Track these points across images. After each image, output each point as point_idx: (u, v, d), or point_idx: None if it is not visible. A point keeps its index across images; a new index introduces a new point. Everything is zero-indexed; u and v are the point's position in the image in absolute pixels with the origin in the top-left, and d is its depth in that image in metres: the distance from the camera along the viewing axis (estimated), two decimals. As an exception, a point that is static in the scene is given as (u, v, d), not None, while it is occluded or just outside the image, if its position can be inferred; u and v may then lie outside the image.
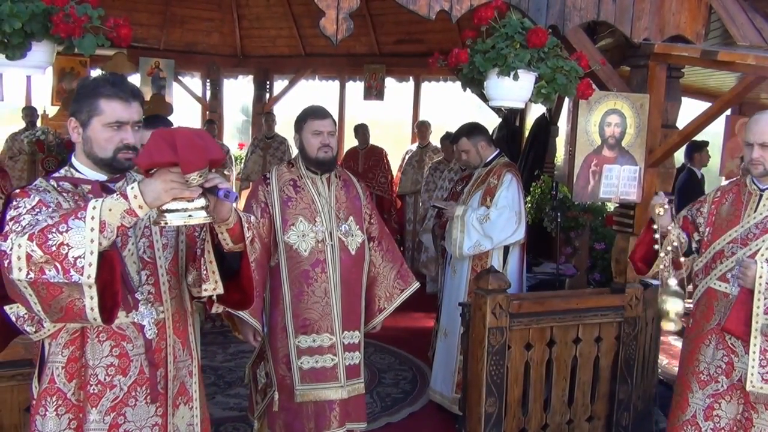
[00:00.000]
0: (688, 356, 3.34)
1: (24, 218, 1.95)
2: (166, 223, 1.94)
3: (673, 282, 3.19)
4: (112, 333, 2.17)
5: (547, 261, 6.43)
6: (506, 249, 4.70)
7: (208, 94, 10.52)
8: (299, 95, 10.48)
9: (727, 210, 3.27)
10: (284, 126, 9.13)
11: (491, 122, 7.98)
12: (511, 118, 7.94)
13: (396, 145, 9.63)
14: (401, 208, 9.03)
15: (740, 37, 4.40)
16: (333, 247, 3.51)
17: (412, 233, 8.64)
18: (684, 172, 7.91)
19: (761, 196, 3.14)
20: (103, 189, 2.17)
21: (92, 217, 1.85)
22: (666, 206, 3.18)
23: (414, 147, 9.11)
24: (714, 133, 8.80)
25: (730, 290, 3.15)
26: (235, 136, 13.23)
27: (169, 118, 7.83)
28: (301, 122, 3.53)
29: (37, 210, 1.99)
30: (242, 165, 9.85)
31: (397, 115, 11.21)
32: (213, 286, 2.24)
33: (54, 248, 1.82)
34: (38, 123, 8.72)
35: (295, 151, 3.95)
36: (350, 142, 9.80)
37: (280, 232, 3.47)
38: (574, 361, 4.25)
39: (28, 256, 1.82)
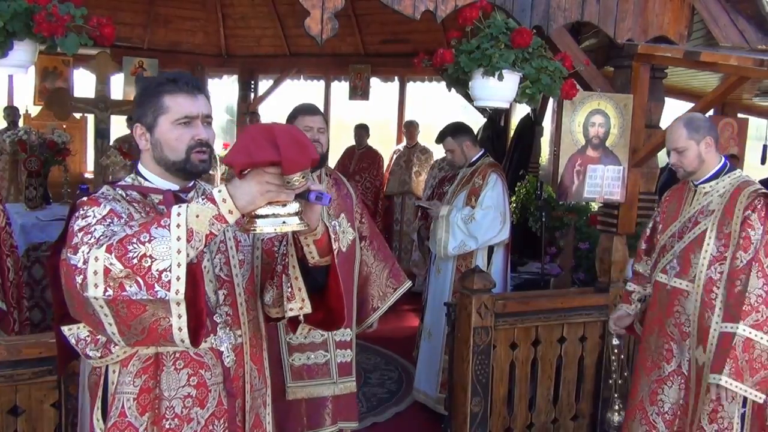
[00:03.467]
0: (639, 345, 3.54)
1: (96, 229, 1.73)
2: (255, 231, 1.71)
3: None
4: (189, 360, 1.95)
5: (532, 261, 6.46)
6: (491, 249, 4.72)
7: (193, 93, 10.45)
8: (284, 95, 10.44)
9: (672, 206, 3.42)
10: (269, 126, 9.10)
11: (476, 122, 8.00)
12: (496, 118, 7.97)
13: (381, 146, 9.61)
14: (389, 208, 9.02)
15: (723, 38, 4.44)
16: None
17: (399, 233, 8.64)
18: (666, 172, 7.97)
19: (696, 191, 3.28)
20: (176, 198, 1.96)
21: (177, 225, 1.64)
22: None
23: (401, 147, 9.11)
24: (697, 134, 8.87)
25: (668, 281, 3.31)
26: (219, 136, 13.17)
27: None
28: (291, 119, 3.54)
29: (109, 220, 1.78)
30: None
31: (382, 115, 11.21)
32: (300, 305, 2.02)
33: (135, 261, 1.61)
34: (20, 123, 8.64)
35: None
36: (335, 141, 9.78)
37: None
38: (558, 361, 4.27)
39: (106, 271, 1.61)
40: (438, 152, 7.68)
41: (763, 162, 8.03)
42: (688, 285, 3.22)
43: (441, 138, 4.93)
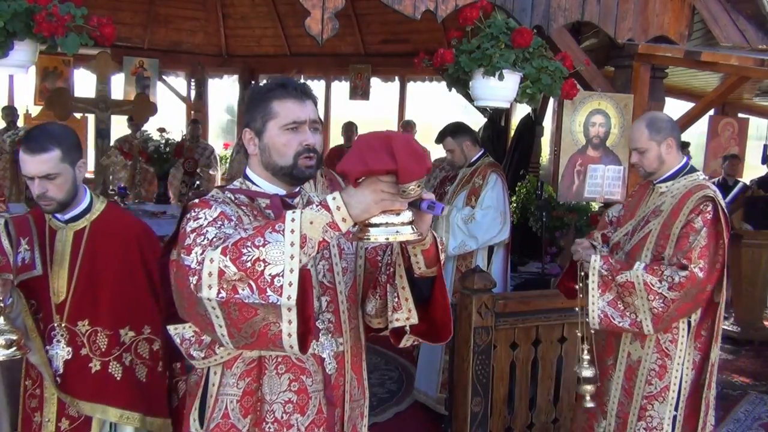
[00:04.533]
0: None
1: (208, 230, 1.74)
2: (368, 239, 1.69)
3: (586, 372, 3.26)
4: (291, 365, 1.94)
5: (532, 260, 6.46)
6: (491, 249, 4.71)
7: (193, 93, 10.47)
8: (284, 95, 10.44)
9: (633, 204, 3.41)
10: (270, 126, 9.10)
11: (477, 122, 8.00)
12: (497, 118, 7.98)
13: (382, 145, 9.61)
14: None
15: (723, 38, 4.44)
16: None
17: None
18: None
19: (653, 190, 3.27)
20: (283, 203, 1.97)
21: (291, 231, 1.63)
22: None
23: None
24: (698, 133, 8.88)
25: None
26: (219, 135, 13.16)
27: (154, 118, 7.83)
28: None
29: (220, 222, 1.79)
30: (227, 165, 9.81)
31: (382, 115, 11.21)
32: (406, 316, 1.96)
33: (249, 264, 1.60)
34: (20, 122, 8.64)
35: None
36: (336, 141, 9.77)
37: None
38: (559, 361, 4.26)
39: (221, 273, 1.61)
40: (435, 152, 7.67)
41: (763, 162, 8.04)
42: None
43: (441, 138, 4.93)
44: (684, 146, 7.87)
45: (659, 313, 2.96)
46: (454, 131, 4.86)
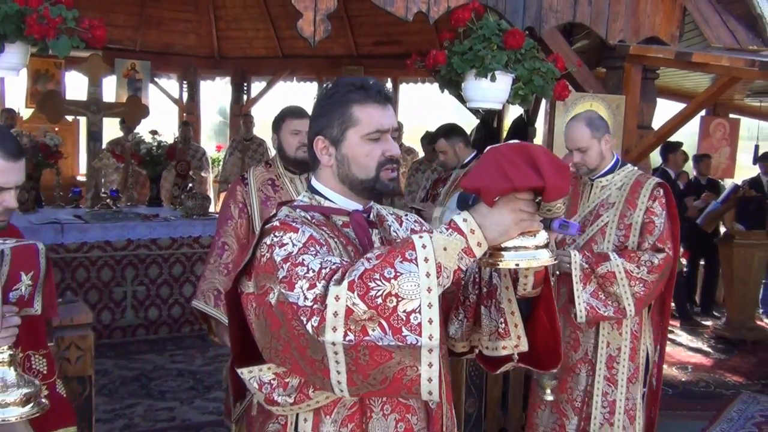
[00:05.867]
0: None
1: (304, 259, 1.53)
2: (501, 265, 1.52)
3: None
4: (396, 404, 1.72)
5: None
6: (485, 250, 4.72)
7: (185, 95, 10.45)
8: (277, 97, 10.44)
9: (568, 201, 3.48)
10: (262, 128, 9.10)
11: (469, 124, 8.01)
12: (489, 119, 7.98)
13: (374, 147, 9.62)
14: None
15: (714, 39, 4.46)
16: None
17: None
18: (658, 173, 8.00)
19: (593, 185, 3.38)
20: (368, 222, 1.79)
21: (425, 259, 1.43)
22: None
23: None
24: (690, 134, 8.91)
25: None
26: (212, 138, 13.16)
27: (146, 120, 7.81)
28: (279, 122, 3.51)
29: (313, 248, 1.57)
30: (220, 167, 9.80)
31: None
32: (515, 343, 1.77)
33: (380, 300, 1.39)
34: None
35: (273, 153, 3.93)
36: (329, 143, 9.77)
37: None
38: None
39: (348, 312, 1.40)
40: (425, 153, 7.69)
41: (755, 162, 8.06)
42: None
43: (433, 139, 4.93)
44: (677, 147, 7.93)
45: (641, 296, 3.17)
46: (447, 133, 4.85)
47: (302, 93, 10.46)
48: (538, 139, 7.79)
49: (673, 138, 6.34)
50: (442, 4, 3.84)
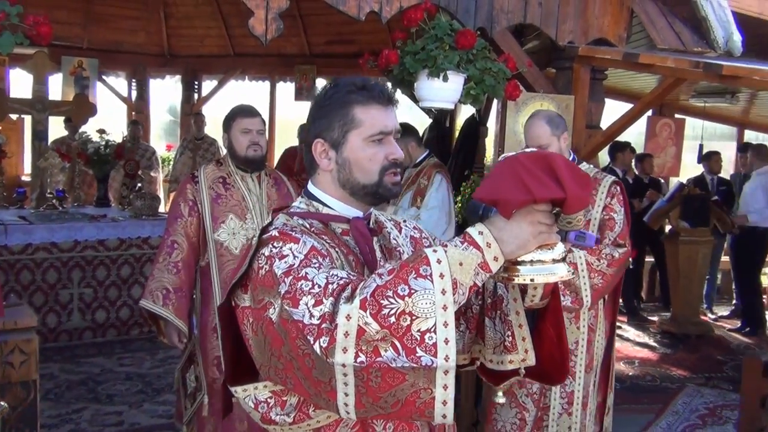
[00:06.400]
0: None
1: (307, 272, 1.44)
2: (518, 281, 1.46)
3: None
4: (399, 422, 1.63)
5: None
6: (438, 249, 4.74)
7: (134, 94, 10.28)
8: (229, 96, 10.33)
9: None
10: (214, 127, 8.99)
11: (422, 123, 8.03)
12: (442, 119, 8.02)
13: (327, 146, 9.58)
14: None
15: (660, 41, 4.55)
16: None
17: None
18: (606, 172, 8.13)
19: None
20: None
21: (441, 275, 1.36)
22: None
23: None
24: (636, 133, 9.09)
25: None
26: (162, 137, 12.95)
27: (94, 119, 7.64)
28: (229, 120, 3.48)
29: (315, 261, 1.48)
30: (170, 167, 9.66)
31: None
32: (522, 357, 1.69)
33: (393, 319, 1.32)
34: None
35: (225, 153, 3.90)
36: (281, 142, 9.70)
37: (209, 230, 3.42)
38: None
39: (360, 332, 1.32)
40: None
41: (699, 161, 8.26)
42: None
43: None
44: (624, 146, 8.08)
45: (599, 288, 3.25)
46: (399, 132, 4.86)
47: (254, 92, 10.38)
48: (490, 139, 7.87)
49: (621, 138, 6.46)
50: (395, 4, 3.85)
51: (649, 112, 8.43)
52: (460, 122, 8.22)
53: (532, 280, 1.46)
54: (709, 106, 8.25)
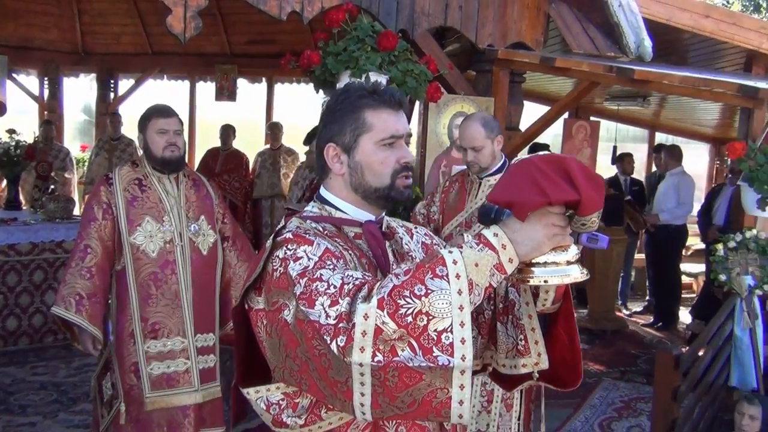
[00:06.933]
0: None
1: (323, 274, 1.45)
2: (532, 282, 1.48)
3: None
4: (411, 424, 1.63)
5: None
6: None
7: (46, 93, 9.90)
8: (147, 95, 10.07)
9: (454, 198, 3.62)
10: (131, 127, 8.75)
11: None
12: (365, 120, 8.04)
13: (249, 147, 9.46)
14: (257, 211, 8.89)
15: (575, 45, 4.68)
16: (183, 247, 3.40)
17: (269, 237, 8.50)
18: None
19: (480, 183, 3.50)
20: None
21: (457, 276, 1.37)
22: None
23: (265, 150, 9.00)
24: (553, 135, 9.34)
25: None
26: (76, 137, 12.53)
27: (3, 118, 7.34)
28: (145, 121, 3.40)
29: (330, 263, 1.49)
30: (85, 168, 9.35)
31: (250, 117, 11.05)
32: (535, 360, 1.72)
33: (410, 319, 1.33)
34: None
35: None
36: (201, 143, 9.53)
37: (125, 233, 3.32)
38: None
39: (377, 331, 1.33)
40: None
41: (613, 162, 8.53)
42: None
43: (308, 140, 4.91)
44: (543, 148, 8.29)
45: None
46: (410, 136, 4.85)
47: (174, 92, 10.16)
48: (412, 140, 7.94)
49: (539, 139, 6.62)
50: (316, 5, 3.84)
51: (566, 115, 8.67)
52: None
53: (546, 281, 1.47)
54: (622, 109, 8.54)
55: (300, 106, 11.56)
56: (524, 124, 4.97)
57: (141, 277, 3.32)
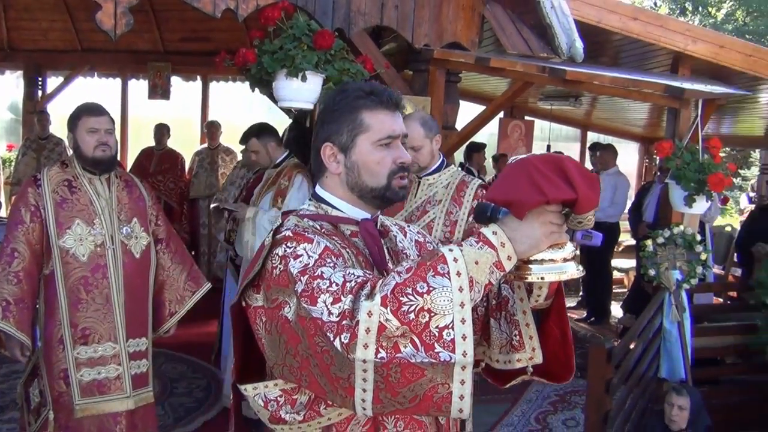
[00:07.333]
0: None
1: (323, 271, 1.47)
2: (529, 279, 1.51)
3: None
4: (409, 419, 1.65)
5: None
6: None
7: (-30, 90, 9.56)
8: (77, 93, 9.79)
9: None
10: (60, 126, 8.50)
11: (282, 123, 7.98)
12: (302, 119, 8.00)
13: (184, 146, 9.31)
14: (194, 212, 8.74)
15: (510, 46, 4.75)
16: (114, 250, 3.32)
17: (207, 237, 8.39)
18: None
19: (420, 182, 3.54)
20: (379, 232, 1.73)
21: (458, 273, 1.40)
22: None
23: (203, 149, 8.87)
24: (489, 134, 9.47)
25: None
26: (2, 136, 12.12)
27: None
28: (74, 119, 3.30)
29: (330, 260, 1.52)
30: (12, 168, 9.04)
31: (184, 115, 10.86)
32: (529, 355, 1.75)
33: (412, 316, 1.36)
34: None
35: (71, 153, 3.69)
36: (134, 143, 9.33)
37: (54, 236, 3.22)
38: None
39: (381, 328, 1.36)
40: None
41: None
42: None
43: (245, 139, 4.85)
44: (481, 147, 8.40)
45: None
46: (258, 132, 4.80)
47: (105, 89, 9.90)
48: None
49: (475, 138, 6.70)
50: (251, 2, 3.79)
51: (501, 114, 8.80)
52: (320, 123, 8.22)
53: (542, 278, 1.51)
54: (555, 108, 8.71)
55: (236, 104, 11.42)
56: (460, 124, 5.01)
57: (70, 281, 3.23)
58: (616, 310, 8.02)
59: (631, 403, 4.40)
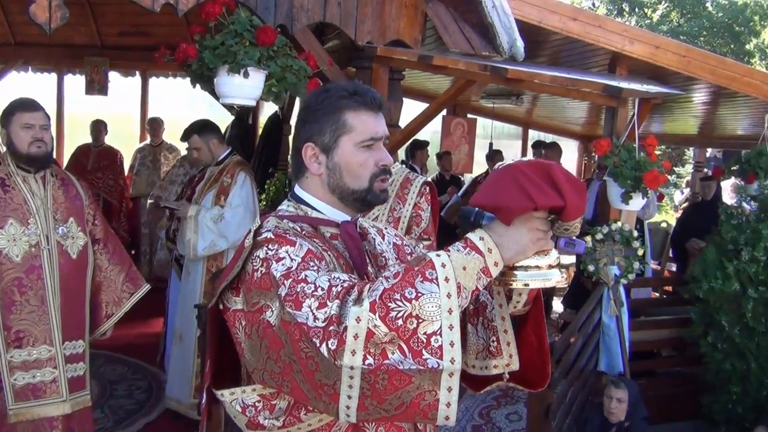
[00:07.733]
0: None
1: (307, 275, 1.44)
2: (514, 285, 1.50)
3: None
4: (390, 425, 1.62)
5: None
6: (242, 248, 4.67)
7: None
8: (9, 88, 9.46)
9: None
10: (-8, 122, 8.24)
11: (224, 120, 7.88)
12: (244, 115, 7.92)
13: (122, 143, 9.11)
14: (135, 210, 8.56)
15: (452, 45, 4.78)
16: (50, 251, 3.24)
17: (149, 236, 8.22)
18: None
19: None
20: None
21: (446, 279, 1.38)
22: None
23: (145, 146, 8.69)
24: (432, 132, 9.53)
25: None
26: (-70, 132, 11.66)
27: None
28: (8, 115, 3.21)
29: (313, 264, 1.48)
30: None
31: (123, 111, 10.63)
32: (506, 362, 1.73)
33: (400, 322, 1.33)
34: None
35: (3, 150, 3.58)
36: (71, 139, 9.09)
37: None
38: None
39: (369, 334, 1.33)
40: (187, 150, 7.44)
41: (488, 158, 8.80)
42: None
43: (187, 136, 4.78)
44: (424, 145, 8.44)
45: None
46: (200, 129, 4.73)
47: (39, 85, 9.61)
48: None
49: (418, 136, 6.73)
50: (192, -3, 3.72)
51: (444, 112, 8.87)
52: (263, 119, 8.16)
53: (527, 285, 1.50)
54: (497, 107, 8.82)
55: (177, 100, 11.23)
56: (404, 121, 5.02)
57: (4, 283, 3.14)
58: (557, 305, 8.17)
59: (572, 396, 4.50)
